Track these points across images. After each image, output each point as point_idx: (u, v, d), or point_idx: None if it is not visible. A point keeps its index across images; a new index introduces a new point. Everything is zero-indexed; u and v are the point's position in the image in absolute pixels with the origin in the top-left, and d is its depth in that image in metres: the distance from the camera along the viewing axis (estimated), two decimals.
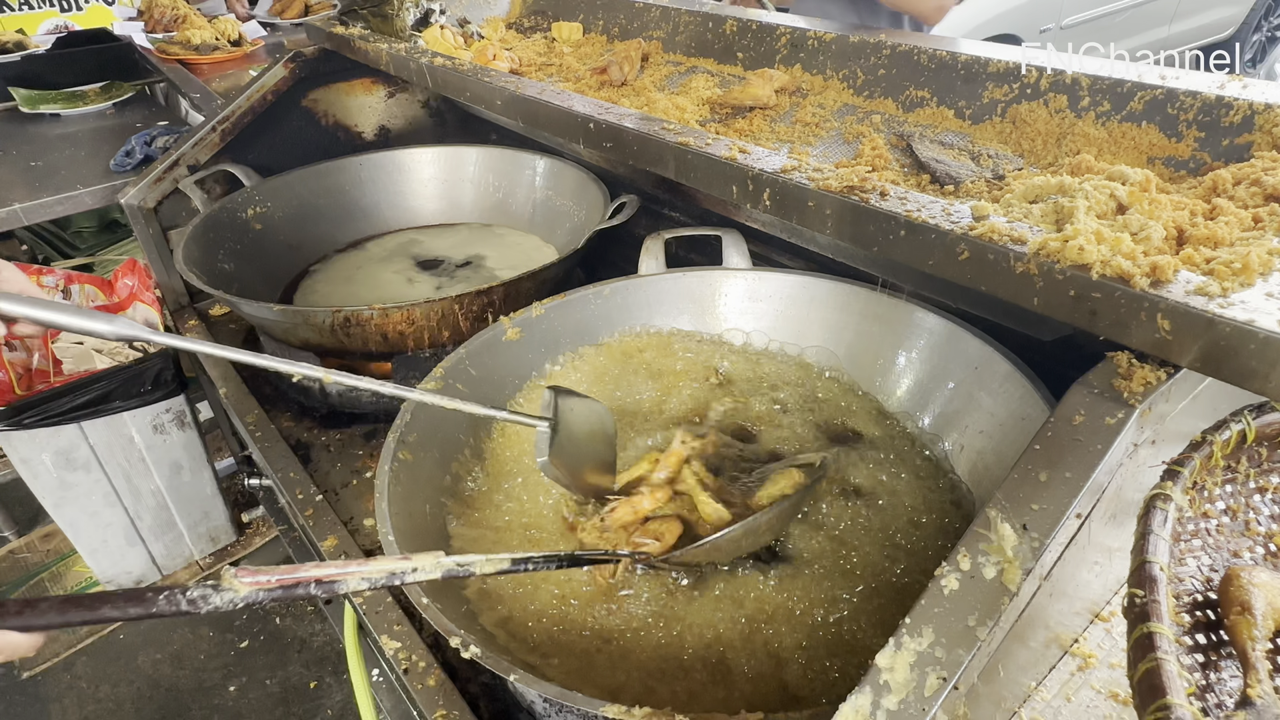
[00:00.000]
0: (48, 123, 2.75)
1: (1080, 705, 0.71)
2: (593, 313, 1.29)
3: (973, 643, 0.55)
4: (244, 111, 1.83)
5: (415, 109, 2.14)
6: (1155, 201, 0.75)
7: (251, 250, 1.70)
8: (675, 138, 1.03)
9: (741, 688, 0.82)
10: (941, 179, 1.07)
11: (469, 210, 1.97)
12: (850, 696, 0.56)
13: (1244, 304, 0.59)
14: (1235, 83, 1.02)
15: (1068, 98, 1.13)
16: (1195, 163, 1.00)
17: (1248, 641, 0.52)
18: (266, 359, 0.86)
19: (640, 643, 0.87)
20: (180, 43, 2.80)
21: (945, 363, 1.14)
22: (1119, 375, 0.65)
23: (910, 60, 1.31)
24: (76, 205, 2.18)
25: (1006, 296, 0.72)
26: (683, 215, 1.66)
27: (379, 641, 1.02)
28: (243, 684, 2.16)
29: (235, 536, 2.42)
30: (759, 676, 0.82)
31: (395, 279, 1.72)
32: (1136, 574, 0.50)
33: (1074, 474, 0.60)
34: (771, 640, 0.85)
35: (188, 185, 1.76)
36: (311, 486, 1.30)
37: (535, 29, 1.97)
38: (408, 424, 1.04)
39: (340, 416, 1.48)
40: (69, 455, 1.92)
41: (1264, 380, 0.57)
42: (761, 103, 1.34)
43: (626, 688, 0.83)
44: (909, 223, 0.77)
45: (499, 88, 1.31)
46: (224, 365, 1.65)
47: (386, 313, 1.30)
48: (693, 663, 0.84)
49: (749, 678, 0.83)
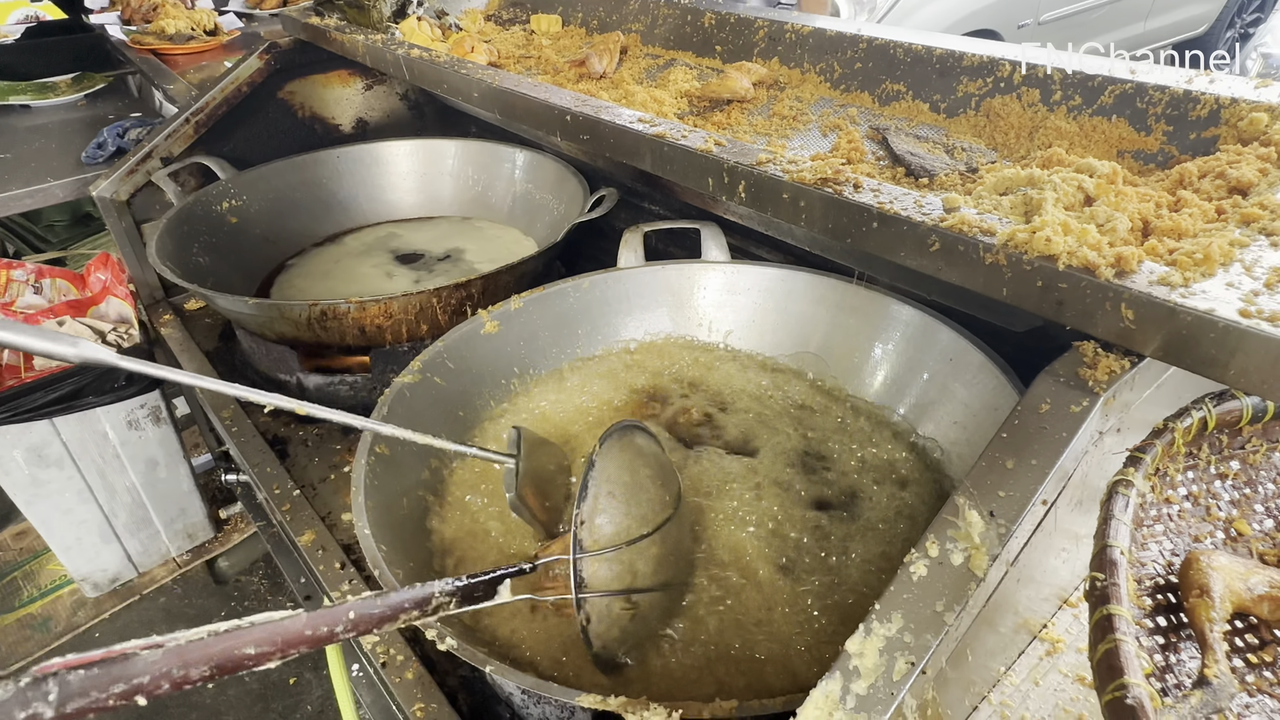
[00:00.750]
0: (17, 114, 2.69)
1: (1048, 689, 0.73)
2: (572, 305, 1.29)
3: (940, 628, 0.56)
4: (218, 103, 1.80)
5: (393, 101, 2.13)
6: (1122, 193, 0.76)
7: (227, 244, 1.68)
8: (651, 130, 1.03)
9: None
10: (916, 172, 1.08)
11: (448, 203, 1.96)
12: (820, 682, 0.57)
13: (1205, 294, 0.60)
14: (1202, 77, 1.03)
15: (1040, 91, 1.14)
16: (1164, 156, 1.02)
17: (1206, 623, 0.53)
18: (237, 388, 0.77)
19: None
20: (155, 33, 2.75)
21: (920, 354, 1.15)
22: (1084, 364, 0.66)
23: (886, 54, 1.32)
24: (47, 198, 2.14)
25: (976, 287, 0.73)
26: (662, 208, 1.66)
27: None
28: (221, 682, 2.14)
29: (213, 533, 2.40)
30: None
31: (374, 273, 1.71)
32: (1098, 558, 0.51)
33: (1040, 461, 0.61)
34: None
35: (161, 178, 1.73)
36: (289, 482, 1.29)
37: (514, 21, 1.96)
38: (385, 417, 1.03)
39: None
40: (41, 452, 1.89)
41: (1223, 368, 0.59)
42: (739, 96, 1.35)
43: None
44: (881, 214, 0.78)
45: (476, 80, 1.30)
46: (200, 360, 1.63)
47: (364, 306, 1.29)
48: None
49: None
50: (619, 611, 0.79)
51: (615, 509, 0.81)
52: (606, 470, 0.82)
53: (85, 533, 2.12)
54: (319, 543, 1.17)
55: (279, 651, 0.57)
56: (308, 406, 0.79)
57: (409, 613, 0.66)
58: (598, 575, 0.78)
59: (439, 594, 0.68)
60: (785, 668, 0.82)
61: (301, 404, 0.79)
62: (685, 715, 0.67)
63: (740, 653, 0.83)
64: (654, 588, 0.82)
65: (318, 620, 0.60)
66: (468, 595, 0.71)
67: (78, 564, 2.18)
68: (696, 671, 0.82)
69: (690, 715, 0.67)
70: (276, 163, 1.82)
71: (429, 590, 0.67)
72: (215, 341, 1.70)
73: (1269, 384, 0.57)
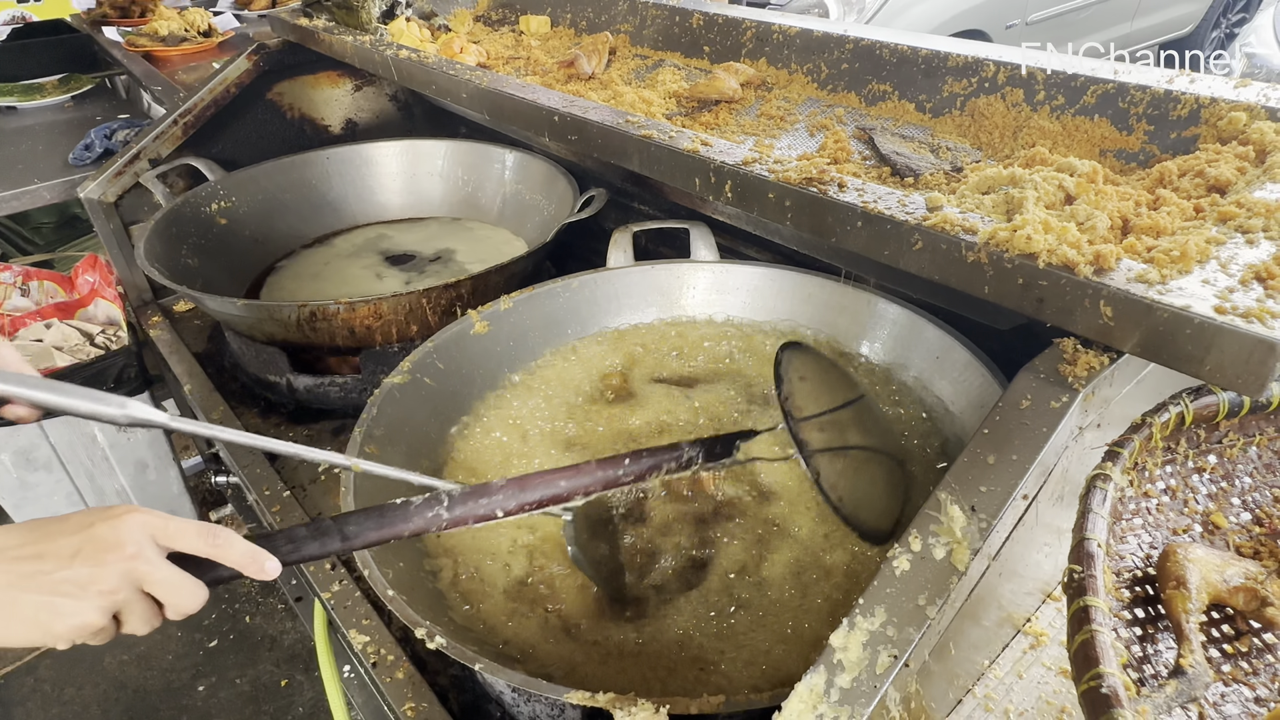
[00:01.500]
0: (3, 116, 2.68)
1: (1032, 681, 0.74)
2: (561, 305, 1.29)
3: (923, 621, 0.57)
4: (206, 104, 1.80)
5: (383, 102, 2.12)
6: (1102, 192, 0.77)
7: (216, 245, 1.68)
8: (639, 130, 1.03)
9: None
10: (902, 171, 1.09)
11: (438, 204, 1.96)
12: (805, 676, 0.57)
13: (1181, 290, 0.61)
14: (1183, 77, 1.05)
15: (1024, 92, 1.15)
16: (1145, 155, 1.03)
17: (1182, 614, 0.54)
18: (294, 447, 0.83)
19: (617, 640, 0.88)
20: (148, 34, 2.74)
21: (907, 352, 1.16)
22: (1064, 360, 0.67)
23: (872, 55, 1.33)
24: (34, 200, 2.13)
25: (959, 285, 0.74)
26: (651, 208, 1.67)
27: (348, 636, 1.02)
28: (212, 683, 2.14)
29: None
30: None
31: (364, 274, 1.71)
32: (1076, 551, 0.52)
33: (1020, 456, 0.62)
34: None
35: (149, 179, 1.73)
36: (279, 483, 1.29)
37: (503, 22, 1.96)
38: (374, 418, 1.04)
39: (308, 412, 1.47)
40: (29, 455, 1.89)
41: (1199, 364, 0.60)
42: (727, 96, 1.35)
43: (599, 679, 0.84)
44: (865, 214, 0.79)
45: (464, 80, 1.31)
46: (189, 362, 1.62)
47: (353, 307, 1.29)
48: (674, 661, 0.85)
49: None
50: (841, 467, 0.88)
51: (806, 390, 0.91)
52: (792, 363, 0.92)
53: None
54: None
55: (583, 489, 0.80)
56: (364, 464, 0.88)
57: (669, 464, 0.84)
58: (812, 438, 0.87)
59: (688, 449, 0.86)
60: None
61: (357, 461, 0.88)
62: (673, 710, 0.68)
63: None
64: (865, 447, 0.93)
65: (606, 466, 0.81)
66: (710, 451, 0.87)
67: None
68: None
69: (678, 710, 0.68)
70: (265, 164, 1.82)
71: (680, 448, 0.86)
72: (204, 343, 1.70)
73: (1243, 379, 0.58)
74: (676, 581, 0.92)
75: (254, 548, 0.64)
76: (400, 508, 0.73)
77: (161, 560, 0.61)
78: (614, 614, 0.90)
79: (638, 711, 0.68)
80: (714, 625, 0.86)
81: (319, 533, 0.69)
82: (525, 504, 0.76)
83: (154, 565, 0.60)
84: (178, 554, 0.63)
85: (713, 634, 0.86)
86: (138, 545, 0.60)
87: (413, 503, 0.74)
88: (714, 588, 0.90)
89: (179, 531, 0.62)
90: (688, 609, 0.88)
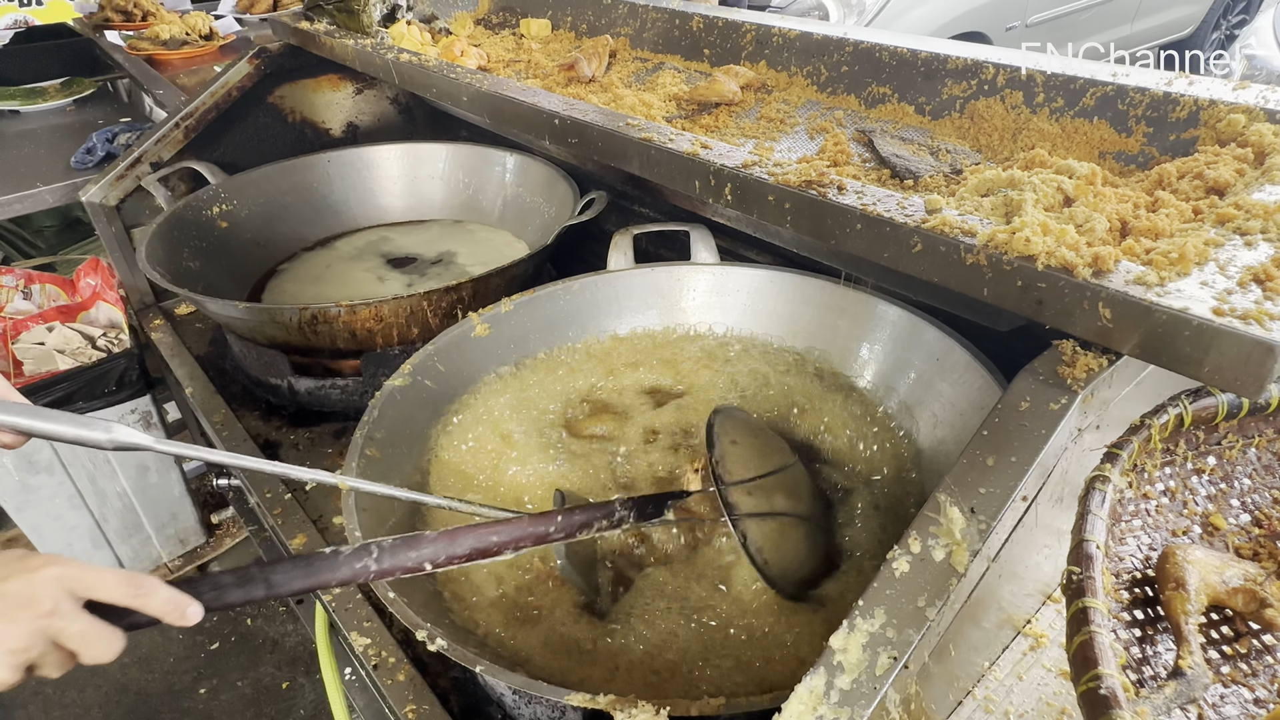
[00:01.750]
0: (6, 119, 2.69)
1: (1032, 683, 0.74)
2: (562, 308, 1.29)
3: (922, 623, 0.57)
4: (208, 108, 1.80)
5: (384, 106, 2.13)
6: (1100, 194, 0.77)
7: (217, 248, 1.68)
8: (638, 134, 1.04)
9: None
10: (901, 174, 1.09)
11: (439, 207, 1.96)
12: (805, 677, 0.58)
13: (1179, 292, 0.62)
14: (1182, 79, 1.05)
15: (1023, 94, 1.15)
16: (1144, 157, 1.03)
17: (1181, 615, 0.54)
18: (280, 467, 0.86)
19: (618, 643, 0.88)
20: (150, 38, 2.75)
21: (907, 354, 1.16)
22: (1063, 362, 0.67)
23: (872, 57, 1.33)
24: (36, 203, 2.13)
25: (958, 287, 0.74)
26: (651, 211, 1.67)
27: (349, 638, 1.02)
28: (213, 686, 2.14)
29: (205, 538, 2.39)
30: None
31: (365, 277, 1.71)
32: (1074, 552, 0.52)
33: (1019, 458, 0.62)
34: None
35: (151, 183, 1.73)
36: (280, 485, 1.29)
37: (504, 25, 1.97)
38: (375, 420, 1.04)
39: (309, 415, 1.47)
40: (31, 458, 1.89)
41: (1198, 366, 0.60)
42: (727, 99, 1.36)
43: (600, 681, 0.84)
44: (865, 216, 0.79)
45: (465, 84, 1.31)
46: (190, 364, 1.63)
47: (354, 310, 1.29)
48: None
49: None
50: (768, 530, 0.89)
51: (737, 454, 0.92)
52: (724, 426, 0.94)
53: (76, 539, 2.12)
54: (310, 545, 1.17)
55: (513, 544, 0.79)
56: (359, 483, 0.90)
57: (600, 523, 0.85)
58: (741, 501, 0.88)
59: (619, 508, 0.87)
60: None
61: (342, 478, 0.89)
62: (673, 713, 0.68)
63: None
64: (791, 513, 0.92)
65: (538, 522, 0.81)
66: (642, 511, 0.89)
67: None
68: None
69: (678, 712, 0.68)
70: (267, 167, 1.82)
71: (612, 506, 0.87)
72: (206, 346, 1.70)
73: (1241, 381, 0.58)
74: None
75: (176, 594, 0.64)
76: (329, 557, 0.72)
77: (77, 613, 0.61)
78: (599, 622, 0.91)
79: (638, 713, 0.68)
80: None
81: (244, 580, 0.68)
82: (454, 557, 0.76)
83: (68, 620, 0.60)
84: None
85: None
86: (53, 601, 0.59)
87: (341, 552, 0.73)
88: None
89: (98, 583, 0.62)
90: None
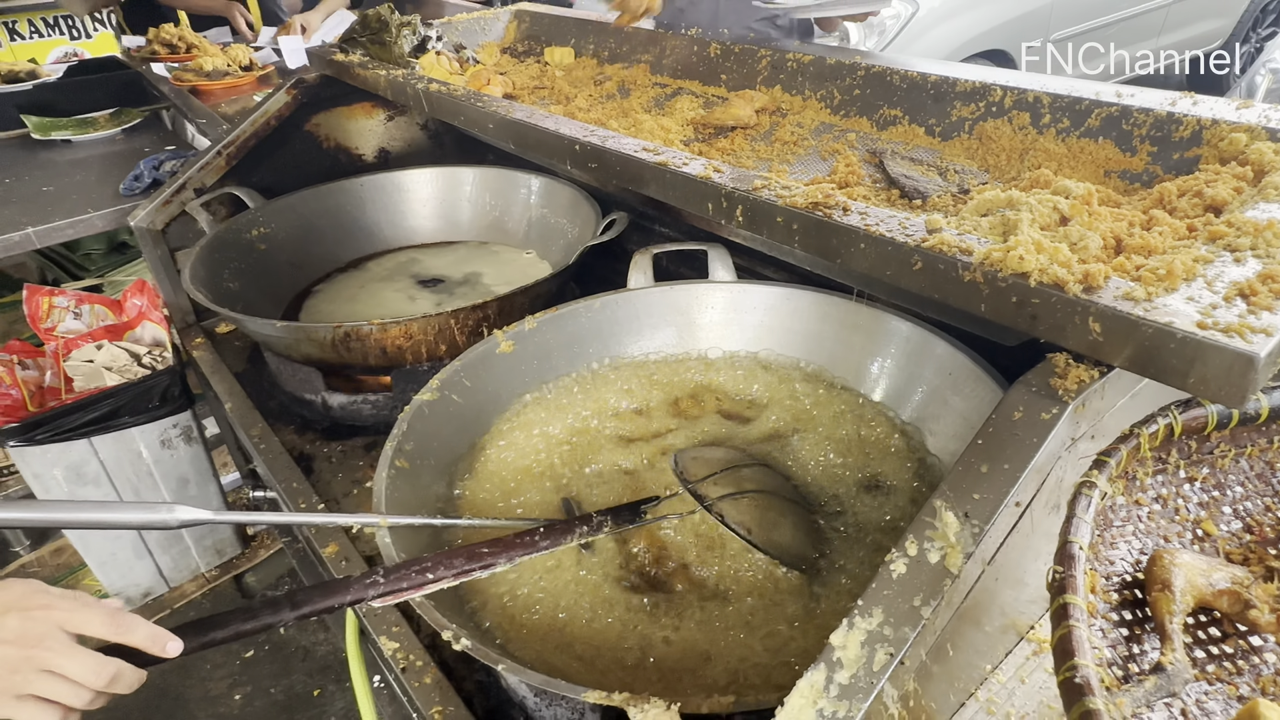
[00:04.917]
0: (59, 148, 2.83)
1: (1034, 687, 0.76)
2: (583, 325, 1.34)
3: (917, 621, 0.60)
4: (248, 136, 1.90)
5: (414, 131, 2.21)
6: (1095, 213, 0.80)
7: (256, 269, 1.76)
8: (654, 158, 1.08)
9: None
10: (910, 194, 1.12)
11: (466, 229, 2.03)
12: (807, 673, 0.61)
13: (1166, 307, 0.64)
14: (1185, 99, 1.07)
15: (1030, 115, 1.18)
16: (1149, 175, 1.06)
17: (1166, 615, 0.56)
18: (325, 517, 1.04)
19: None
20: (194, 69, 2.89)
21: (919, 368, 1.19)
22: (1056, 374, 0.70)
23: (883, 81, 1.37)
24: (88, 228, 2.25)
25: (957, 303, 0.77)
26: (670, 231, 1.72)
27: (378, 642, 1.07)
28: (248, 693, 2.20)
29: (241, 549, 2.47)
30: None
31: (397, 296, 1.78)
32: (1059, 552, 0.55)
33: (1012, 465, 0.65)
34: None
35: (194, 208, 1.82)
36: (314, 496, 1.35)
37: (529, 53, 2.04)
38: (404, 433, 1.09)
39: (341, 429, 1.53)
40: (79, 470, 1.98)
41: (1184, 377, 0.62)
42: (743, 122, 1.40)
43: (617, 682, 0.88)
44: (868, 236, 0.83)
45: (490, 112, 1.37)
46: (229, 381, 1.70)
47: (385, 328, 1.35)
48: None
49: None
50: (744, 506, 0.97)
51: (700, 461, 1.04)
52: (687, 453, 1.06)
53: (120, 549, 2.20)
54: (342, 554, 1.22)
55: (504, 555, 0.89)
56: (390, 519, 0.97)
57: (580, 529, 0.96)
58: (711, 491, 0.97)
59: (597, 517, 0.98)
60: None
61: (385, 517, 0.96)
62: (684, 709, 0.71)
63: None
64: (761, 490, 1.01)
65: (524, 538, 0.92)
66: (618, 517, 0.99)
67: (112, 579, 2.26)
68: None
69: (689, 710, 0.71)
70: (303, 191, 1.91)
71: (591, 517, 0.98)
72: (244, 363, 1.78)
73: (1225, 391, 0.60)
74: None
75: (155, 630, 0.73)
76: (341, 582, 0.83)
77: (67, 646, 0.69)
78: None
79: (650, 709, 0.71)
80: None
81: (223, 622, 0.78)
82: (450, 574, 0.86)
83: (54, 652, 0.68)
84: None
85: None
86: (41, 636, 0.69)
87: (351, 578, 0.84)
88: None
89: (85, 620, 0.71)
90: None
